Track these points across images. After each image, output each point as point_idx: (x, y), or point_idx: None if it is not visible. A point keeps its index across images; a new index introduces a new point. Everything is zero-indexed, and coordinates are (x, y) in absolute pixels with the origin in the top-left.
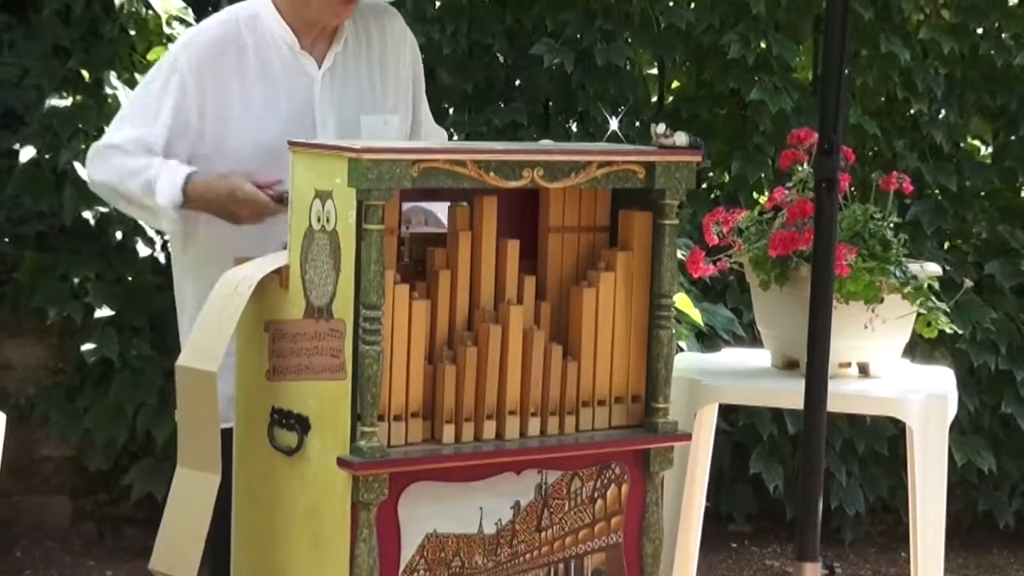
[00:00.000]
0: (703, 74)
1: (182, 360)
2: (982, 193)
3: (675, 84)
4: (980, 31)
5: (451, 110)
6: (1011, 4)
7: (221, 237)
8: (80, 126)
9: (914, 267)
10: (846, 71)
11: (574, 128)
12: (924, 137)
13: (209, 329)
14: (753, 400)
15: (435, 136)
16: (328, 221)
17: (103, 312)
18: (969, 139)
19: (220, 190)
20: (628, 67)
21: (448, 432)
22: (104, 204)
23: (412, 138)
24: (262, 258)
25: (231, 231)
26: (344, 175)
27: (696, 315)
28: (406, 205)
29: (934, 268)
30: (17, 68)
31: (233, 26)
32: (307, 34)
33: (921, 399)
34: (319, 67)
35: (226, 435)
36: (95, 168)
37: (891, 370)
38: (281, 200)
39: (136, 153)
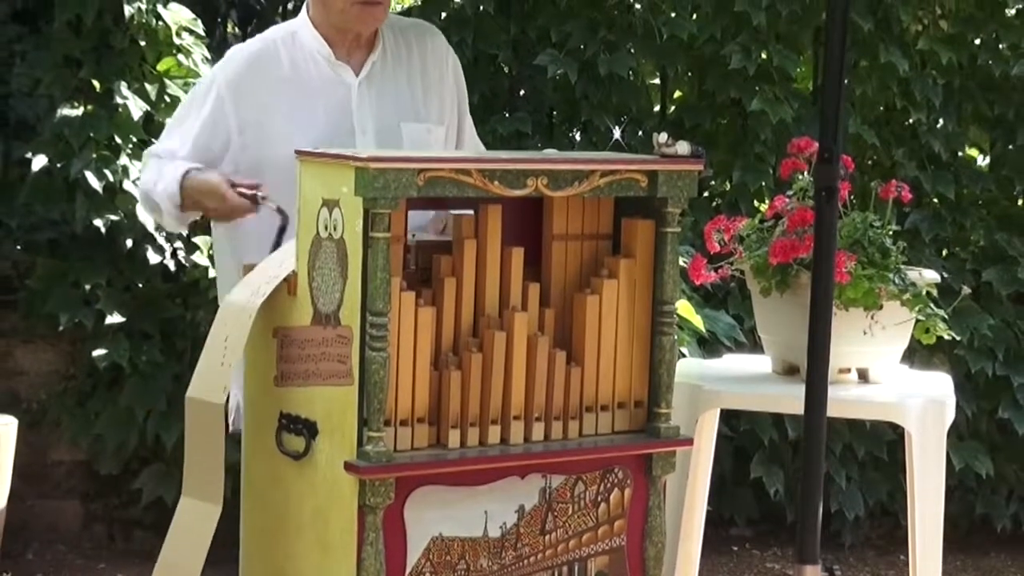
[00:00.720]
0: (705, 84)
1: (191, 391)
2: (980, 201)
3: (677, 94)
4: (978, 42)
5: None
6: (1008, 15)
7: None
8: (91, 135)
9: (913, 274)
10: (846, 81)
11: (577, 137)
12: (922, 146)
13: (214, 360)
14: (754, 405)
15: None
16: (335, 229)
17: (114, 318)
18: (967, 148)
19: (202, 187)
20: (631, 77)
21: (453, 437)
22: (114, 212)
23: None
24: (266, 265)
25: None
26: (351, 184)
27: (698, 321)
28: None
29: (932, 275)
30: (29, 78)
31: (270, 44)
32: (342, 44)
33: (920, 404)
34: (356, 76)
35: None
36: (142, 176)
37: (890, 376)
38: (254, 200)
39: (170, 161)
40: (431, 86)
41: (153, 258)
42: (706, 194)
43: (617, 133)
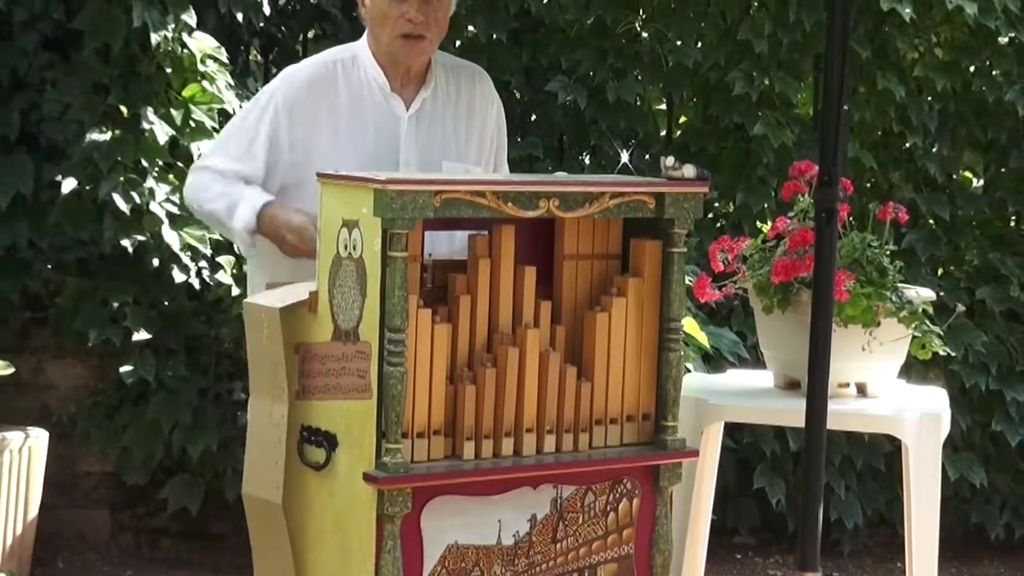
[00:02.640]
0: (709, 109)
1: (246, 488)
2: (974, 222)
3: (683, 119)
4: (972, 69)
5: None
6: (1001, 43)
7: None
8: (119, 159)
9: (909, 292)
10: (845, 107)
11: (587, 161)
12: (919, 169)
13: (266, 459)
14: (757, 418)
15: None
16: (355, 249)
17: (140, 335)
18: (961, 171)
19: (287, 224)
20: (638, 103)
21: (468, 449)
22: (141, 233)
23: None
24: (286, 288)
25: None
26: (370, 205)
27: (703, 338)
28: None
29: (928, 293)
30: (59, 104)
31: (330, 66)
32: (395, 76)
33: (916, 417)
34: (407, 109)
35: None
36: (190, 184)
37: (887, 390)
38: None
39: (228, 177)
40: (474, 128)
41: (178, 277)
42: (711, 215)
43: (625, 157)
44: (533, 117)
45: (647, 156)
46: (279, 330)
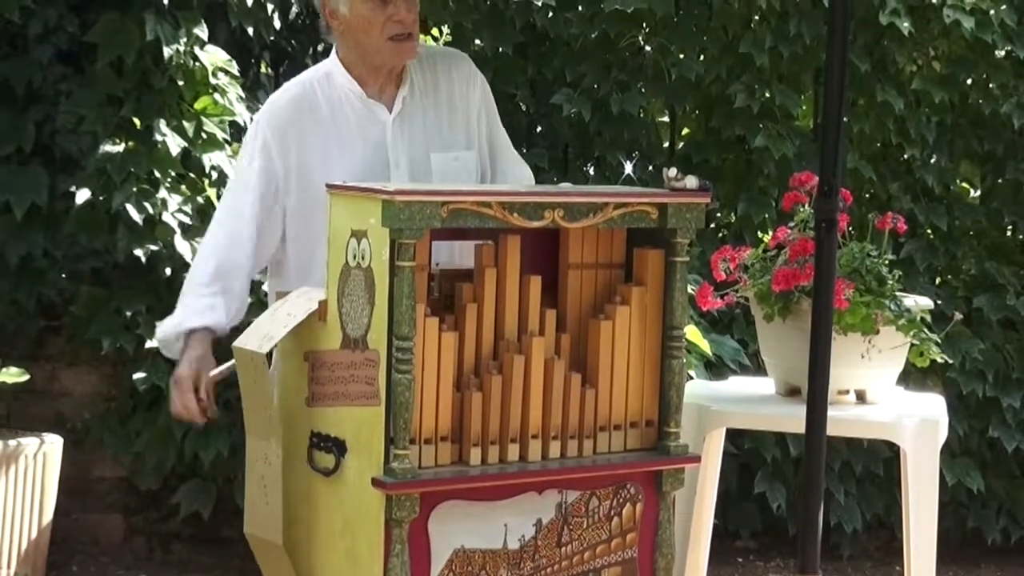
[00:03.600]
0: (711, 122)
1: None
2: (971, 232)
3: (685, 131)
4: (969, 81)
5: None
6: (998, 57)
7: (303, 261)
8: (132, 170)
9: (908, 301)
10: (844, 119)
11: (591, 172)
12: (917, 180)
13: (264, 499)
14: (758, 425)
15: (517, 167)
16: (363, 258)
17: (153, 343)
18: (959, 182)
19: (181, 363)
20: (641, 115)
21: (475, 454)
22: (154, 243)
23: (493, 169)
24: (295, 297)
25: (308, 262)
26: (378, 215)
27: (705, 346)
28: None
29: (926, 302)
30: (73, 116)
31: (307, 86)
32: (373, 83)
33: (914, 424)
34: (389, 112)
35: None
36: (205, 238)
37: (886, 397)
38: (205, 414)
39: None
40: (457, 113)
41: None
42: (712, 225)
43: (628, 168)
44: (538, 129)
45: (650, 167)
46: (266, 372)
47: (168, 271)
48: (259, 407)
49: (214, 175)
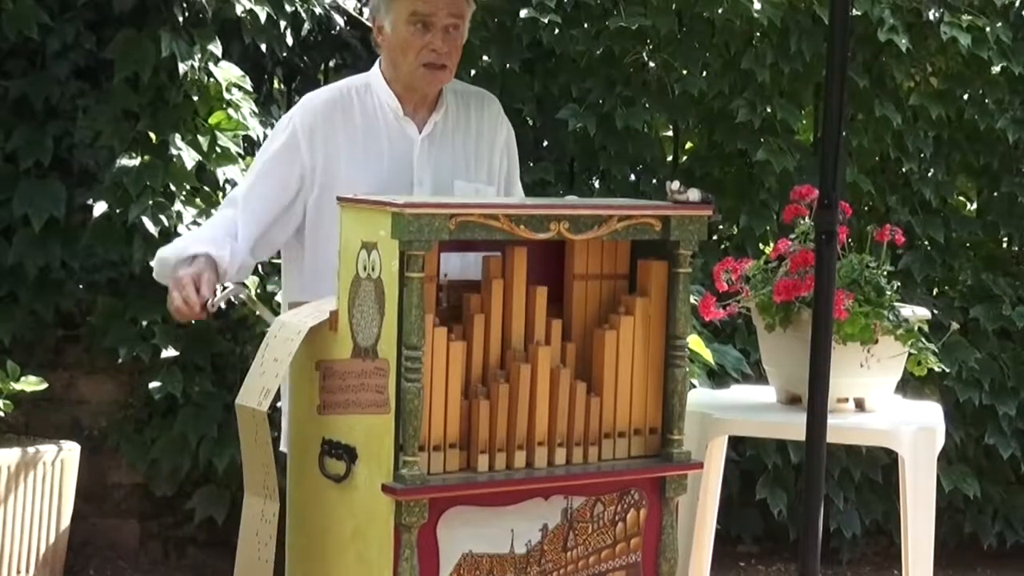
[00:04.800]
0: (714, 136)
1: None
2: (967, 244)
3: (688, 145)
4: (965, 97)
5: None
6: (993, 73)
7: (319, 260)
8: (148, 183)
9: (905, 311)
10: (843, 133)
11: (596, 185)
12: (914, 193)
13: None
14: (759, 432)
15: None
16: (373, 270)
17: (169, 352)
18: (955, 195)
19: (181, 271)
20: (646, 130)
21: (482, 461)
22: None
23: None
24: (311, 304)
25: (324, 260)
26: (388, 227)
27: (708, 355)
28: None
29: (924, 312)
30: (91, 131)
31: (345, 91)
32: (409, 101)
33: (912, 431)
34: (419, 132)
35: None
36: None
37: (885, 405)
38: (204, 308)
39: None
40: (483, 150)
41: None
42: (715, 237)
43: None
44: (545, 143)
45: (654, 180)
46: (266, 429)
47: None
48: (259, 465)
49: (228, 188)
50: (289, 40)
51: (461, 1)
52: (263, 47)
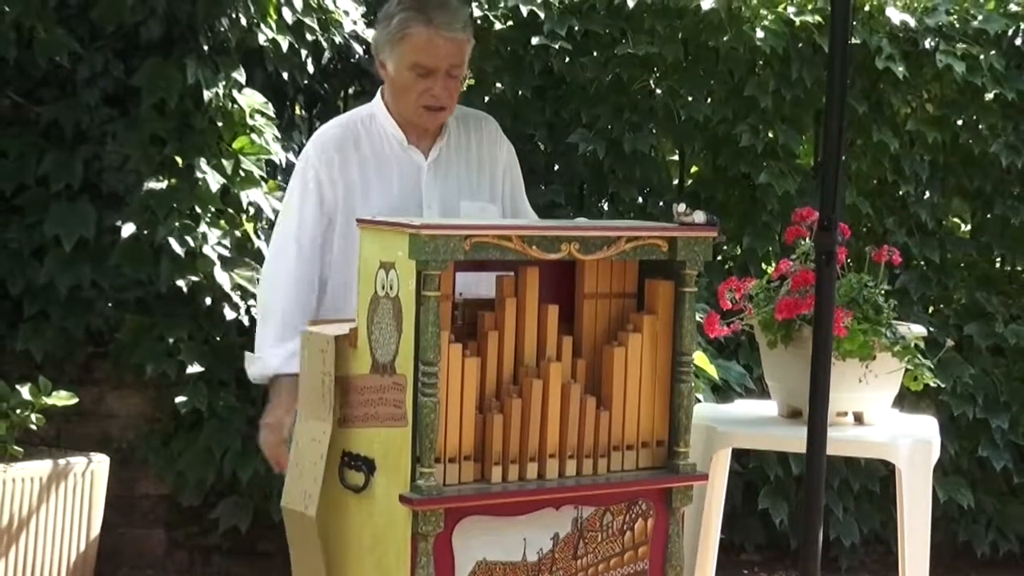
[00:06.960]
0: (718, 160)
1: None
2: (962, 264)
3: (694, 169)
4: (960, 122)
5: None
6: (987, 99)
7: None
8: (174, 206)
9: (902, 329)
10: (843, 158)
11: (605, 207)
12: (911, 215)
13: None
14: (762, 445)
15: None
16: (391, 288)
17: (194, 368)
18: (950, 217)
19: (275, 408)
20: (652, 154)
21: (496, 472)
22: (195, 274)
23: None
24: (331, 327)
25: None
26: (405, 248)
27: (712, 371)
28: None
29: (920, 330)
30: (119, 155)
31: (352, 124)
32: (412, 132)
33: (909, 444)
34: (425, 159)
35: None
36: (269, 268)
37: (882, 418)
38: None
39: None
40: (484, 170)
41: (229, 314)
42: (719, 258)
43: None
44: (556, 167)
45: (661, 203)
46: (315, 532)
47: (208, 300)
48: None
49: (251, 211)
50: (310, 68)
51: (462, 50)
52: (285, 75)
